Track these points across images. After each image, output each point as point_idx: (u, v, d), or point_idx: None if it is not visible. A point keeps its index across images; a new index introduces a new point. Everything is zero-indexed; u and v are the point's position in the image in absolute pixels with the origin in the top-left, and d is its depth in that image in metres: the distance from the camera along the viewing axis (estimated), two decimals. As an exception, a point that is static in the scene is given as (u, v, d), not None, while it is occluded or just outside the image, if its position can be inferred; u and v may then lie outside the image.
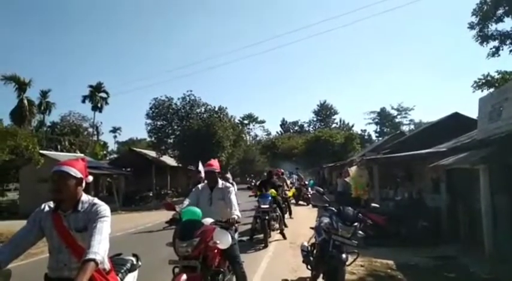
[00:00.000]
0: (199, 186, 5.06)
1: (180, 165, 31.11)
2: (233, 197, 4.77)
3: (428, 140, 12.70)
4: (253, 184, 13.99)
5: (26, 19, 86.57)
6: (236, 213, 4.51)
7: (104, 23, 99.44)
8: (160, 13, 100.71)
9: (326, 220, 5.15)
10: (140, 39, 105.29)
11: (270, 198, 9.96)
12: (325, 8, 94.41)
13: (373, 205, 5.81)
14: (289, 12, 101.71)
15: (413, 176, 12.32)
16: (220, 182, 4.96)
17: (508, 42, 16.93)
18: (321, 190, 5.96)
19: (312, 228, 5.86)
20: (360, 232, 4.88)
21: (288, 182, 16.14)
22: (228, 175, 11.25)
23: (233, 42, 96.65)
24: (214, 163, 5.02)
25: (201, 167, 10.12)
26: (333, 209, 4.93)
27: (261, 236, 9.35)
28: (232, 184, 7.30)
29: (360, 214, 4.90)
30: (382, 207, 9.79)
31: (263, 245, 9.00)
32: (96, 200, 2.59)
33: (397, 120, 74.15)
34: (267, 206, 9.69)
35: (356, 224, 4.75)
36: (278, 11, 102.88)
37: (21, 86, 39.92)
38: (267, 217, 9.37)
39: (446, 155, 9.53)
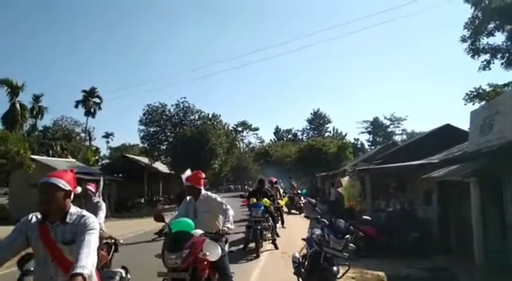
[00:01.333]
0: (188, 197, 4.97)
1: (173, 172, 30.92)
2: (225, 208, 4.68)
3: (420, 151, 12.78)
4: (247, 193, 13.78)
5: (19, 23, 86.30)
6: (228, 225, 4.45)
7: (98, 29, 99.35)
8: (155, 21, 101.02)
9: (318, 231, 5.14)
10: (135, 46, 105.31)
11: (262, 207, 9.91)
12: (319, 19, 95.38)
13: (364, 217, 5.79)
14: (284, 22, 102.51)
15: (405, 187, 12.36)
16: (203, 192, 4.86)
17: (498, 56, 17.20)
18: (313, 201, 5.98)
19: (303, 239, 5.84)
20: (351, 244, 4.87)
21: (281, 191, 16.09)
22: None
23: (228, 51, 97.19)
24: (195, 177, 4.92)
25: (187, 174, 9.94)
26: (325, 221, 4.93)
27: (254, 245, 9.31)
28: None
29: (351, 226, 4.90)
30: (374, 218, 9.77)
31: (255, 255, 8.95)
32: (84, 212, 2.55)
33: (389, 129, 74.68)
34: (260, 215, 9.66)
35: (347, 236, 4.75)
36: (273, 21, 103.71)
37: (14, 90, 39.63)
38: (259, 227, 9.33)
39: (438, 167, 9.59)
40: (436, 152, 12.04)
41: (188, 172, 8.69)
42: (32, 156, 19.76)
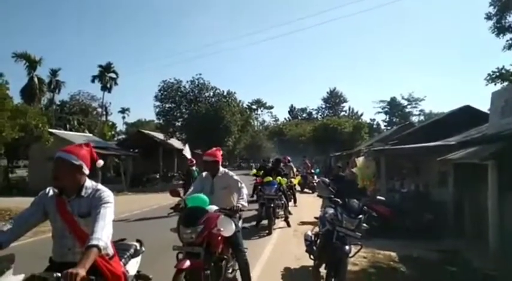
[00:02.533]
0: (203, 174, 5.04)
1: (187, 148, 31.26)
2: (240, 186, 4.77)
3: (438, 133, 12.55)
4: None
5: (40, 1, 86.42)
6: (242, 202, 4.50)
7: (116, 4, 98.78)
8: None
9: (331, 210, 5.13)
10: (151, 21, 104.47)
11: (275, 186, 9.97)
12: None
13: (378, 197, 5.77)
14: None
15: (420, 169, 12.22)
16: (221, 169, 4.93)
17: (526, 35, 16.49)
18: (327, 181, 5.92)
19: (316, 218, 5.85)
20: (365, 224, 4.86)
21: (295, 169, 16.08)
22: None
23: (245, 27, 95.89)
24: (215, 153, 4.93)
25: (186, 150, 9.95)
26: (338, 200, 4.90)
27: (266, 222, 9.41)
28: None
29: (365, 206, 4.87)
30: (388, 199, 9.72)
31: (267, 232, 9.06)
32: (99, 186, 2.59)
33: (407, 110, 73.32)
34: (273, 193, 9.72)
35: (361, 216, 4.73)
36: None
37: (32, 64, 40.15)
38: (272, 205, 9.41)
39: (455, 149, 9.42)
40: (454, 133, 11.81)
41: (187, 149, 8.56)
42: (50, 130, 20.10)
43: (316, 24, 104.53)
